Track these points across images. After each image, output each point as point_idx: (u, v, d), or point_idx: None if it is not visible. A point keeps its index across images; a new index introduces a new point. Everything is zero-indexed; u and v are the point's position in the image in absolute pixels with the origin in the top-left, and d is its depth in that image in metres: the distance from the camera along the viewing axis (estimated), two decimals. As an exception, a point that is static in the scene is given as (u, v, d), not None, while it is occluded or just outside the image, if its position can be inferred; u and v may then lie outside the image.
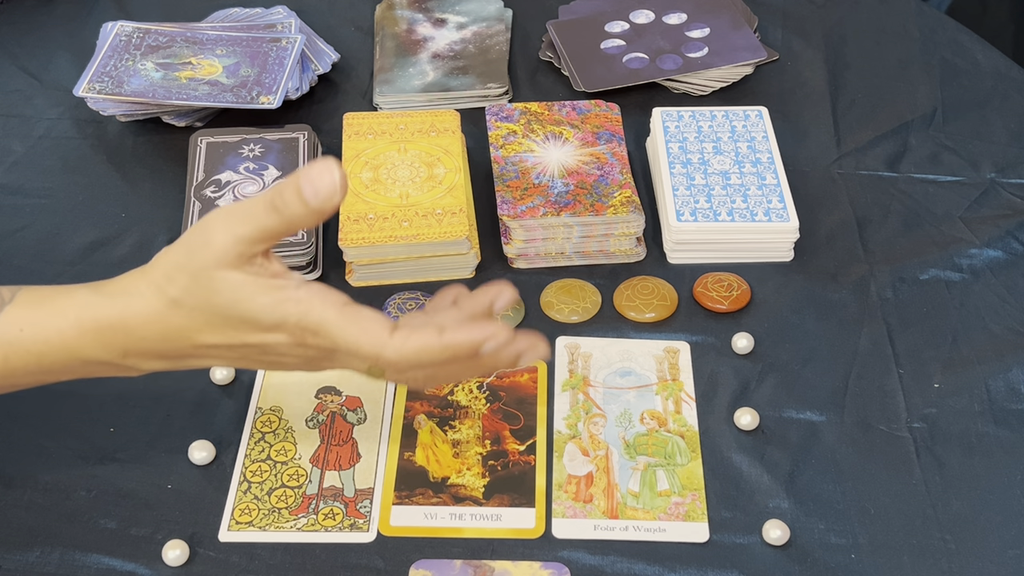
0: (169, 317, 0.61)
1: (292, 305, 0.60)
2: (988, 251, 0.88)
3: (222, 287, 0.60)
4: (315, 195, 0.58)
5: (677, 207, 0.87)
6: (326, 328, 0.60)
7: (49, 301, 0.62)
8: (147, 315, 0.61)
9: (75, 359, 0.63)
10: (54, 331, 0.62)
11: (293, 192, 0.58)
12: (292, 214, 0.59)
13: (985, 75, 1.06)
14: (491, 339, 0.61)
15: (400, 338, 0.60)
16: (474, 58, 1.05)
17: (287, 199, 0.58)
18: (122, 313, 0.61)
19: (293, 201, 0.58)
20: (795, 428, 0.76)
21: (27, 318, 0.62)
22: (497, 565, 0.68)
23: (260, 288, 0.60)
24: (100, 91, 0.96)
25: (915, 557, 0.69)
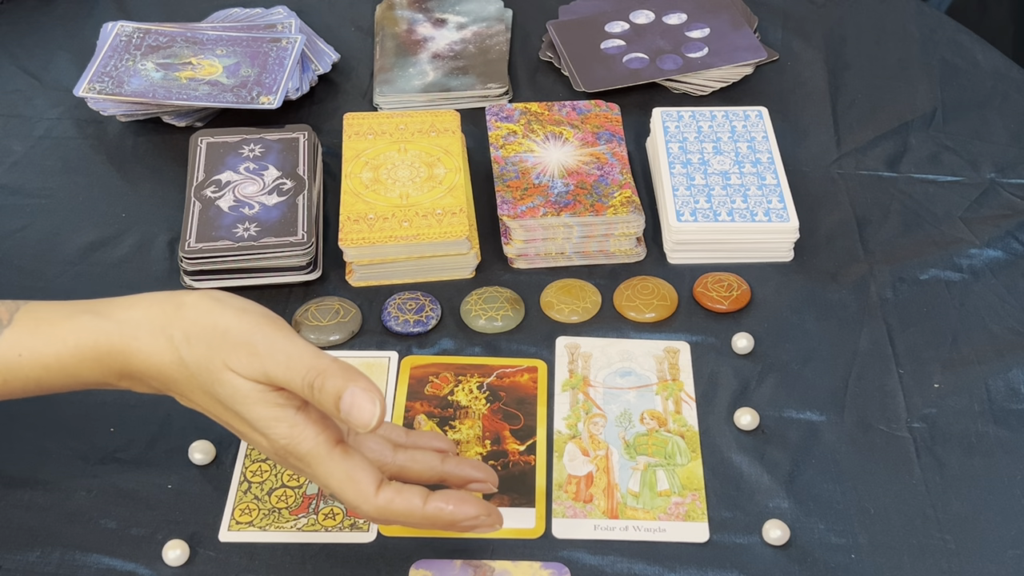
0: (171, 370, 0.61)
1: (285, 428, 0.60)
2: (988, 251, 0.88)
3: (227, 384, 0.60)
4: (347, 415, 0.58)
5: (677, 207, 0.87)
6: (313, 462, 0.61)
7: (48, 325, 0.62)
8: (150, 357, 0.61)
9: (74, 381, 0.63)
10: (53, 357, 0.62)
11: (333, 393, 0.58)
12: (319, 404, 0.59)
13: (985, 75, 1.06)
14: (474, 523, 0.62)
15: (385, 499, 0.61)
16: (474, 58, 1.05)
17: (325, 394, 0.58)
18: (126, 344, 0.61)
19: (328, 400, 0.58)
20: (795, 428, 0.76)
21: (26, 343, 0.62)
22: (497, 565, 0.68)
23: (260, 401, 0.60)
24: (100, 91, 0.96)
25: (915, 557, 0.69)
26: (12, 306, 0.63)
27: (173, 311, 0.61)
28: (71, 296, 0.84)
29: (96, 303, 0.64)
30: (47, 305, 0.64)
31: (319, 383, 0.58)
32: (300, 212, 0.86)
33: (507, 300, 0.84)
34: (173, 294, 0.63)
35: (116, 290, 0.85)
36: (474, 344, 0.82)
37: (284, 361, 0.59)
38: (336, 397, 0.58)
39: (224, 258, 0.83)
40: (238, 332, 0.60)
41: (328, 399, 0.58)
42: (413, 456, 0.65)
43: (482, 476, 0.66)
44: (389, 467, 0.64)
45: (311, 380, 0.58)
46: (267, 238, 0.84)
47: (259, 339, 0.60)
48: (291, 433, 0.60)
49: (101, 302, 0.64)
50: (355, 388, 0.58)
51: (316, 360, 0.59)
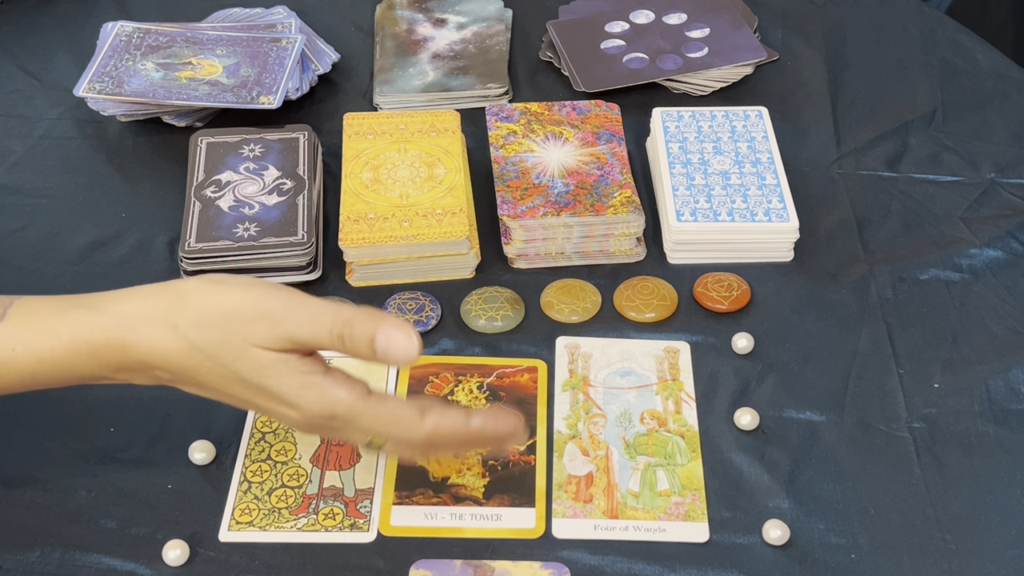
0: (180, 358, 0.61)
1: (317, 393, 0.61)
2: (988, 251, 0.88)
3: (250, 360, 0.60)
4: (385, 353, 0.58)
5: (677, 207, 0.87)
6: (354, 417, 0.61)
7: (42, 319, 0.62)
8: (153, 348, 0.61)
9: (69, 375, 0.63)
10: (47, 351, 0.61)
11: (365, 337, 0.58)
12: (353, 352, 0.59)
13: (985, 75, 1.06)
14: (514, 435, 0.64)
15: (432, 423, 0.62)
16: (474, 58, 1.05)
17: (356, 340, 0.58)
18: (123, 338, 0.61)
19: (361, 345, 0.59)
20: (795, 428, 0.76)
21: (20, 337, 0.61)
22: (497, 565, 0.68)
23: (287, 371, 0.60)
24: (100, 91, 0.96)
25: (915, 557, 0.69)
26: (6, 301, 0.63)
27: (174, 300, 0.61)
28: (71, 296, 0.85)
29: (90, 297, 0.63)
30: (41, 299, 0.64)
31: (348, 331, 0.58)
32: (300, 212, 0.86)
33: (507, 300, 0.84)
34: (169, 284, 0.62)
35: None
36: (474, 344, 0.82)
37: (307, 320, 0.59)
38: (370, 340, 0.58)
39: (224, 258, 0.83)
40: (251, 305, 0.60)
41: (362, 344, 0.58)
42: (439, 421, 0.63)
43: (511, 427, 0.65)
44: (419, 431, 0.63)
45: (339, 331, 0.58)
46: (267, 238, 0.84)
47: (275, 306, 0.59)
48: (323, 397, 0.60)
49: (95, 296, 0.63)
50: (386, 327, 0.58)
51: (339, 311, 0.59)
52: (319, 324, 0.59)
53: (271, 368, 0.60)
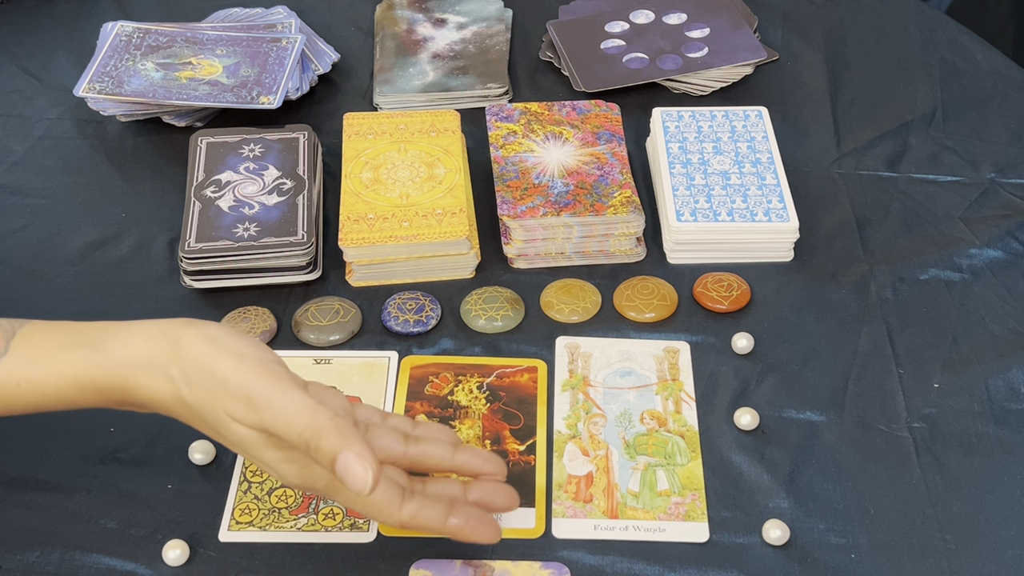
0: (174, 406, 0.62)
1: (297, 468, 0.62)
2: (988, 251, 0.88)
3: (232, 431, 0.61)
4: (342, 476, 0.59)
5: (677, 207, 0.87)
6: (333, 493, 0.63)
7: (46, 356, 0.62)
8: (152, 394, 0.62)
9: (75, 406, 0.63)
10: (51, 387, 0.62)
11: (327, 456, 0.58)
12: (316, 462, 0.60)
13: (985, 75, 1.06)
14: (488, 535, 0.64)
15: (408, 514, 0.62)
16: (474, 58, 1.05)
17: (320, 455, 0.59)
18: (125, 381, 0.61)
19: (323, 461, 0.59)
20: (795, 428, 0.76)
21: (23, 373, 0.62)
22: (497, 565, 0.68)
23: (266, 446, 0.61)
24: (100, 91, 0.96)
25: (915, 557, 0.69)
26: (9, 331, 0.63)
27: (170, 349, 0.61)
28: (71, 296, 0.85)
29: (94, 332, 0.63)
30: (45, 330, 0.63)
31: (315, 443, 0.59)
32: (300, 212, 0.86)
33: (507, 300, 0.84)
34: (169, 328, 0.62)
35: (116, 290, 0.86)
36: (474, 344, 0.82)
37: (281, 416, 0.59)
38: (331, 459, 0.58)
39: (224, 258, 0.83)
40: (236, 382, 0.60)
41: (324, 459, 0.59)
42: (424, 449, 0.65)
43: (492, 469, 0.66)
44: (401, 460, 0.64)
45: (307, 439, 0.59)
46: (267, 238, 0.84)
47: (256, 391, 0.59)
48: (303, 473, 0.62)
49: (99, 331, 0.63)
50: (348, 454, 0.58)
51: (312, 418, 0.59)
52: (291, 424, 0.59)
53: (250, 442, 0.61)
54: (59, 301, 0.85)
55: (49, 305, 0.84)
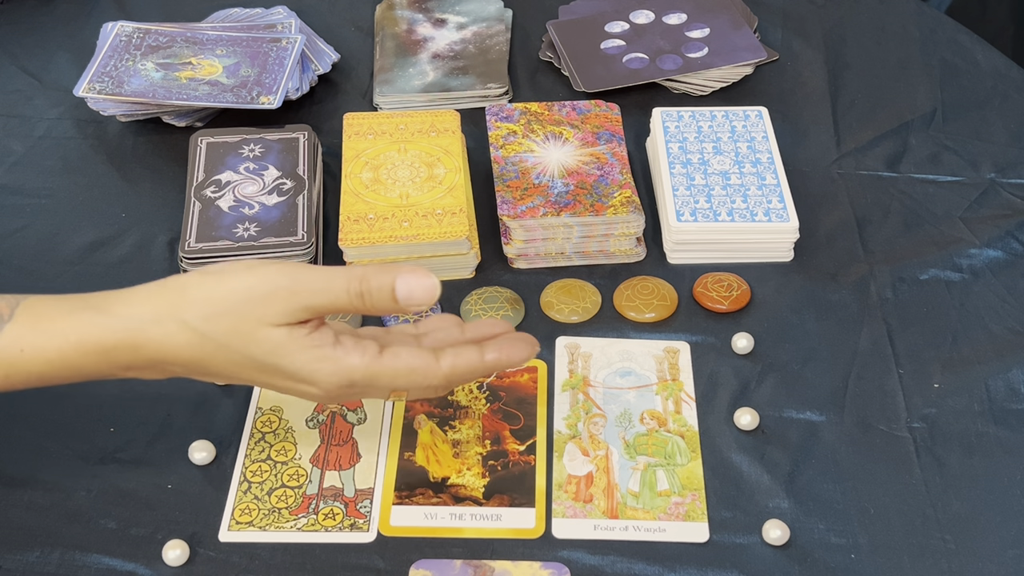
0: (192, 351, 0.62)
1: (330, 365, 0.62)
2: (988, 251, 0.88)
3: (262, 341, 0.61)
4: (408, 299, 0.60)
5: (677, 207, 0.87)
6: (372, 378, 0.63)
7: (50, 321, 0.62)
8: (164, 346, 0.62)
9: (78, 374, 0.63)
10: (55, 352, 0.62)
11: (386, 288, 0.60)
12: (374, 307, 0.61)
13: (985, 75, 1.06)
14: (529, 357, 0.66)
15: (448, 364, 0.63)
16: (474, 58, 1.05)
17: (376, 294, 0.60)
18: (133, 339, 0.61)
19: (383, 297, 0.60)
20: (795, 428, 0.76)
21: (27, 338, 0.62)
22: (497, 565, 0.68)
23: (300, 346, 0.61)
24: (100, 91, 0.96)
25: (915, 557, 0.69)
26: (12, 301, 0.63)
27: (178, 296, 0.62)
28: (71, 296, 0.85)
29: (95, 297, 0.64)
30: (47, 300, 0.64)
31: (365, 287, 0.60)
32: (300, 212, 0.86)
33: (507, 300, 0.84)
34: (170, 280, 0.63)
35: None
36: (474, 344, 0.82)
37: (322, 286, 0.60)
38: (390, 290, 0.60)
39: (224, 258, 0.83)
40: (260, 284, 0.60)
41: (383, 296, 0.60)
42: (436, 338, 0.67)
43: (502, 329, 0.67)
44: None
45: (356, 288, 0.60)
46: (267, 238, 0.84)
47: (285, 280, 0.60)
48: (338, 368, 0.61)
49: (100, 296, 0.64)
50: (404, 274, 0.60)
51: (351, 271, 0.61)
52: (334, 286, 0.60)
53: (283, 348, 0.61)
54: (59, 301, 0.85)
55: (49, 305, 0.84)
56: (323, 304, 0.60)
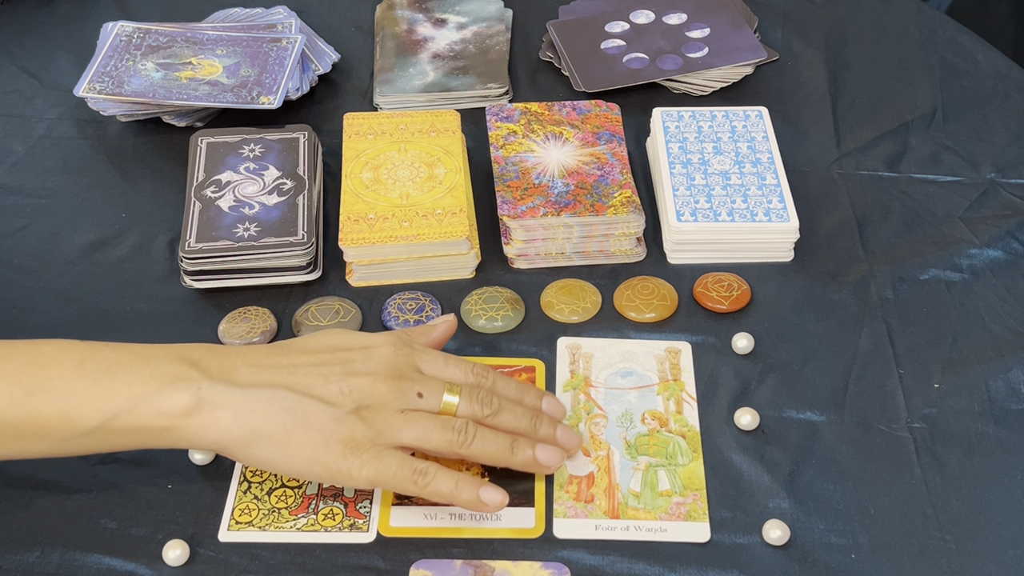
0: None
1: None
2: (988, 251, 0.88)
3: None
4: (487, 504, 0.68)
5: (677, 207, 0.87)
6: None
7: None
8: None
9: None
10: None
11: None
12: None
13: (985, 75, 1.06)
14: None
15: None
16: (474, 58, 1.05)
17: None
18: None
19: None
20: (795, 428, 0.76)
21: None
22: (497, 565, 0.68)
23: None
24: (100, 91, 0.96)
25: (915, 557, 0.69)
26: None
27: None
28: (71, 296, 0.85)
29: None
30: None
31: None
32: (300, 212, 0.86)
33: (507, 300, 0.84)
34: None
35: (116, 290, 0.86)
36: (474, 344, 0.82)
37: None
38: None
39: (224, 258, 0.83)
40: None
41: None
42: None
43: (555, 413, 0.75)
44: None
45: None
46: (267, 238, 0.84)
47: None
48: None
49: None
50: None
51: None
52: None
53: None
54: (59, 301, 0.85)
55: (49, 305, 0.84)
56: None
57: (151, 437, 0.65)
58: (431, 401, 0.68)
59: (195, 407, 0.64)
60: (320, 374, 0.67)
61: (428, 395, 0.68)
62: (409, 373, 0.69)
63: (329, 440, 0.65)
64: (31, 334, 0.82)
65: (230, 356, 0.67)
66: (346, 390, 0.67)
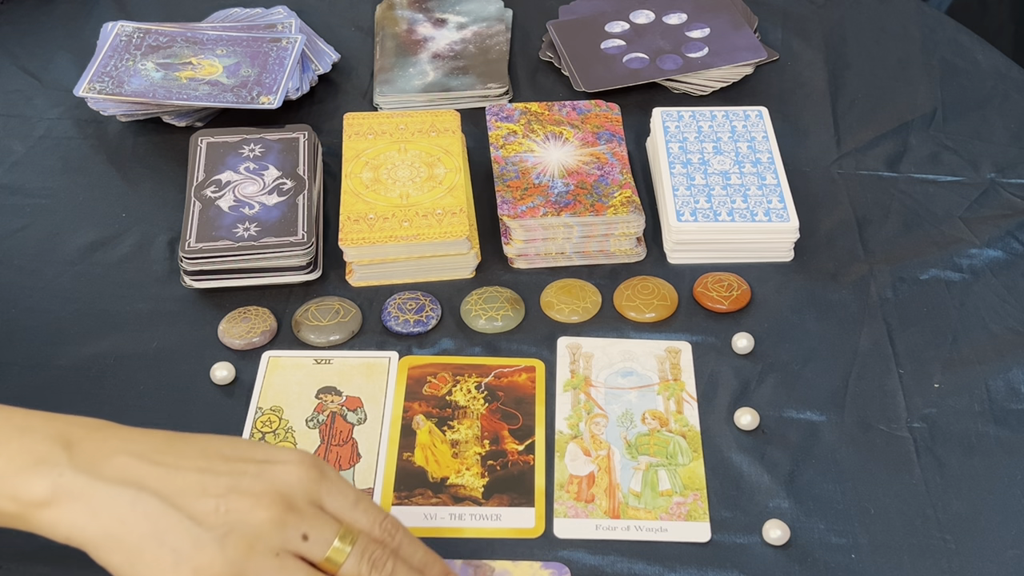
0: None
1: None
2: (988, 251, 0.88)
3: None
4: None
5: (677, 207, 0.87)
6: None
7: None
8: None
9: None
10: None
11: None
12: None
13: (985, 75, 1.06)
14: None
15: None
16: (474, 58, 1.05)
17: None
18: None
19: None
20: (795, 428, 0.76)
21: None
22: (497, 565, 0.68)
23: None
24: (100, 91, 0.96)
25: (915, 557, 0.69)
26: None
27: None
28: (71, 296, 0.85)
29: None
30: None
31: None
32: (300, 212, 0.86)
33: (507, 300, 0.84)
34: None
35: (116, 290, 0.86)
36: (474, 344, 0.82)
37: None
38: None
39: (224, 258, 0.83)
40: None
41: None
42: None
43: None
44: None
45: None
46: (267, 238, 0.84)
47: None
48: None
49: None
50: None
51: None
52: None
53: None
54: (59, 301, 0.85)
55: (49, 305, 0.84)
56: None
57: (4, 519, 0.57)
58: (315, 548, 0.57)
59: (50, 497, 0.56)
60: (201, 483, 0.57)
61: (314, 539, 0.57)
62: (302, 506, 0.57)
63: (180, 565, 0.55)
64: (31, 334, 0.82)
65: (113, 441, 0.59)
66: (221, 509, 0.56)
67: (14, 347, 0.81)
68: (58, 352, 0.81)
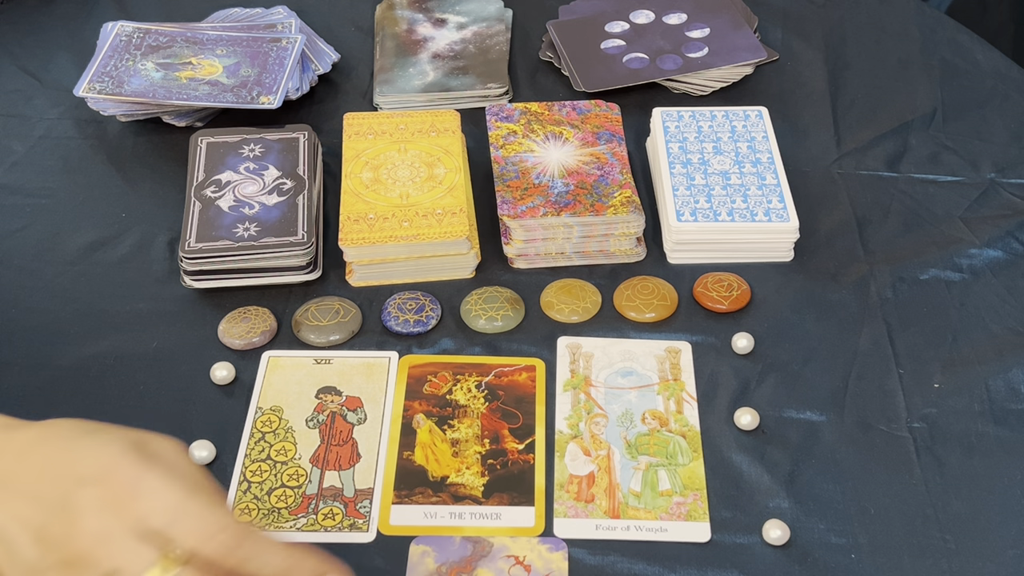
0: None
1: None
2: (988, 251, 0.88)
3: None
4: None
5: (677, 207, 0.87)
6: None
7: None
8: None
9: None
10: None
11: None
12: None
13: (985, 75, 1.06)
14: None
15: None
16: (474, 58, 1.05)
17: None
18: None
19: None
20: (795, 428, 0.76)
21: None
22: (496, 540, 0.68)
23: None
24: (100, 91, 0.96)
25: (915, 557, 0.69)
26: None
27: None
28: (71, 296, 0.85)
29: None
30: None
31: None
32: (300, 212, 0.86)
33: (507, 300, 0.84)
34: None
35: (116, 290, 0.86)
36: (474, 344, 0.82)
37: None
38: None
39: (224, 258, 0.83)
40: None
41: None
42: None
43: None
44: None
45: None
46: (267, 238, 0.84)
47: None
48: None
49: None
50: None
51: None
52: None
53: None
54: (59, 301, 0.85)
55: (49, 305, 0.84)
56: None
57: None
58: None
59: None
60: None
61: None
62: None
63: None
64: (31, 334, 0.82)
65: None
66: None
67: (14, 347, 0.81)
68: (58, 352, 0.81)
